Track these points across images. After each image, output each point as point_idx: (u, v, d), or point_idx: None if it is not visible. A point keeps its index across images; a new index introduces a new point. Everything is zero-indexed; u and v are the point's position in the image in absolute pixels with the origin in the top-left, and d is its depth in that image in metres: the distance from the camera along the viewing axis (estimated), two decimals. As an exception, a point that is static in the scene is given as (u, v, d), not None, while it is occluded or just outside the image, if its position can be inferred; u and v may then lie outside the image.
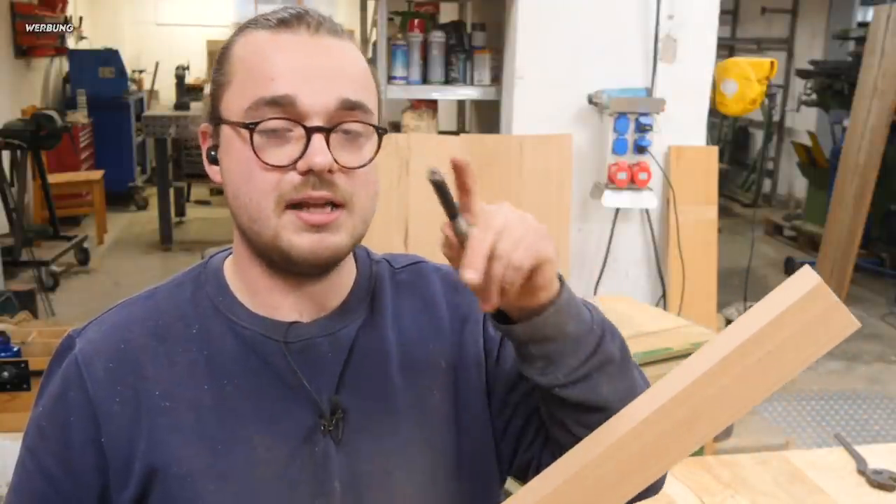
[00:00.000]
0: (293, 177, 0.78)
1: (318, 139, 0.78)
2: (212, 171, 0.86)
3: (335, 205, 0.80)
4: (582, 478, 0.72)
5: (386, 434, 0.87)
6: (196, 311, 0.87)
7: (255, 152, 0.78)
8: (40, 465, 0.84)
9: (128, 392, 0.82)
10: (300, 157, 0.77)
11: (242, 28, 0.84)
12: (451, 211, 0.73)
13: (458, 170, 0.73)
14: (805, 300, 0.59)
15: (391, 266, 0.96)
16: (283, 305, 0.86)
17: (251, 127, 0.78)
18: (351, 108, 0.80)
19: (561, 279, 0.78)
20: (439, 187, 0.71)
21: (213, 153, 0.85)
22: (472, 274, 0.70)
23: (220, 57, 0.84)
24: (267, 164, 0.78)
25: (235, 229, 0.86)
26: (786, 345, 0.60)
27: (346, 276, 0.90)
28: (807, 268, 0.63)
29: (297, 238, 0.79)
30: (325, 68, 0.79)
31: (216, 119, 0.83)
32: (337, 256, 0.82)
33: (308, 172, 0.77)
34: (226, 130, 0.82)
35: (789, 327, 0.60)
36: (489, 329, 0.94)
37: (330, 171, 0.78)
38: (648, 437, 0.68)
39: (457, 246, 0.73)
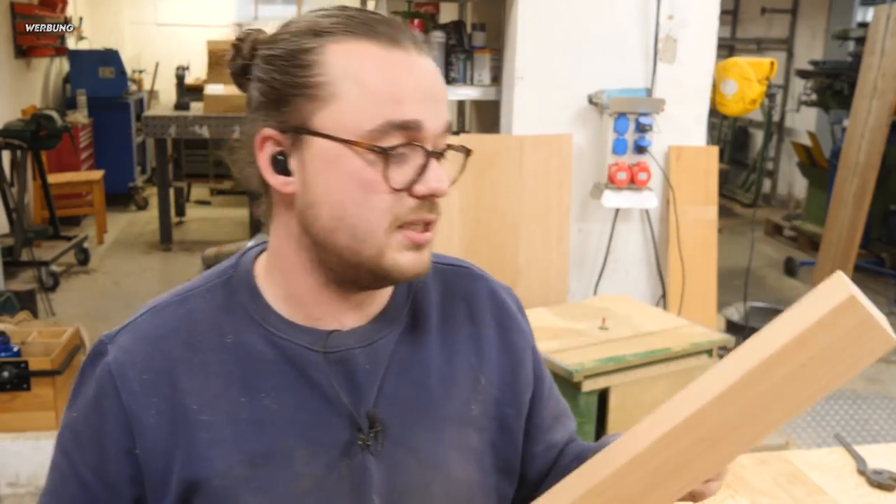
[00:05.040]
0: (408, 199, 0.79)
1: (435, 164, 0.80)
2: (276, 180, 0.81)
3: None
4: (598, 493, 0.71)
5: (424, 447, 0.87)
6: (230, 319, 0.85)
7: (384, 177, 0.77)
8: (76, 471, 0.85)
9: (163, 404, 0.82)
10: (415, 180, 0.78)
11: (331, 32, 0.79)
12: None
13: None
14: (835, 313, 0.54)
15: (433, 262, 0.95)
16: (326, 315, 0.86)
17: (388, 152, 0.77)
18: (448, 130, 0.82)
19: None
20: None
21: (280, 159, 0.81)
22: None
23: (301, 60, 0.78)
24: (394, 188, 0.78)
25: (292, 239, 0.83)
26: (814, 362, 0.56)
27: None
28: (839, 275, 0.57)
29: (401, 257, 0.80)
30: (437, 92, 0.81)
31: (302, 129, 0.79)
32: (427, 273, 0.84)
33: (426, 196, 0.79)
34: (323, 144, 0.78)
35: (818, 343, 0.55)
36: (537, 363, 0.98)
37: None
38: (667, 454, 0.65)
39: None
